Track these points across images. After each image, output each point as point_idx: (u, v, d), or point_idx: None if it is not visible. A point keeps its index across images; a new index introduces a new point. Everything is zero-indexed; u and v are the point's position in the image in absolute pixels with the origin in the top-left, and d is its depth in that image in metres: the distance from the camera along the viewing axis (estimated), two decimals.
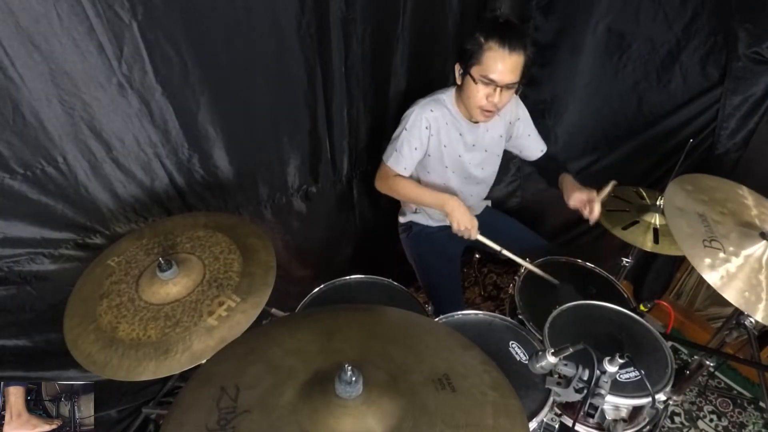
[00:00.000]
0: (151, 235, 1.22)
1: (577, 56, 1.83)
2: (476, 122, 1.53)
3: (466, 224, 1.45)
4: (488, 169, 1.70)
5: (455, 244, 1.81)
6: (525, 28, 1.81)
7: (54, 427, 1.39)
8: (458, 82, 1.44)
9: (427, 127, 1.47)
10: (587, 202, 1.46)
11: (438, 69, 1.75)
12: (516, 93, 1.47)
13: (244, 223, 1.29)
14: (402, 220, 1.82)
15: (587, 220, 1.48)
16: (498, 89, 1.35)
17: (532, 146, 1.70)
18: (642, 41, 1.70)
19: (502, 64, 1.31)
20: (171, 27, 1.13)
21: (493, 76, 1.33)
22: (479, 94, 1.38)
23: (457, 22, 1.69)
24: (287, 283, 1.61)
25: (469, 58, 1.35)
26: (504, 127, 1.64)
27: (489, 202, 1.91)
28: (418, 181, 1.64)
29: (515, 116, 1.64)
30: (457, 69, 1.41)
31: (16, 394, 1.34)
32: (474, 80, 1.36)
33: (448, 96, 1.50)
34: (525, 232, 1.84)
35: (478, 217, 1.80)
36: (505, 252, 1.50)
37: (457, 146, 1.55)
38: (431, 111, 1.47)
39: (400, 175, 1.51)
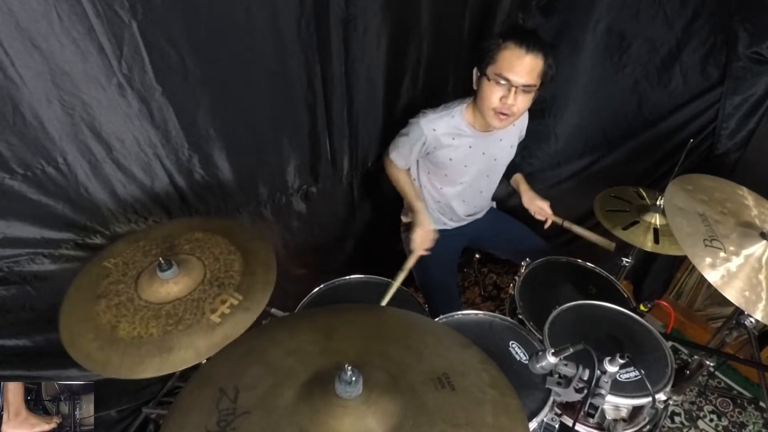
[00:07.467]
0: (147, 238, 1.21)
1: (577, 56, 1.83)
2: (489, 131, 1.51)
3: (419, 245, 1.54)
4: (493, 179, 1.71)
5: (454, 246, 1.81)
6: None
7: (53, 425, 1.39)
8: (474, 86, 1.42)
9: (424, 143, 1.50)
10: (543, 211, 1.68)
11: (439, 69, 1.75)
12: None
13: (242, 227, 1.28)
14: (404, 219, 1.83)
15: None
16: (513, 90, 1.33)
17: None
18: (642, 41, 1.70)
19: (518, 63, 1.30)
20: (171, 27, 1.12)
21: (507, 75, 1.31)
22: (494, 95, 1.35)
23: (460, 22, 1.69)
24: (287, 283, 1.60)
25: (484, 58, 1.34)
26: (516, 137, 1.64)
27: (494, 204, 1.92)
28: (428, 174, 1.65)
29: (524, 127, 1.64)
30: (474, 73, 1.41)
31: (14, 392, 1.33)
32: (488, 79, 1.34)
33: (460, 108, 1.49)
34: (526, 232, 1.84)
35: (481, 218, 1.82)
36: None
37: (465, 158, 1.55)
38: (433, 130, 1.47)
39: (398, 168, 1.61)
